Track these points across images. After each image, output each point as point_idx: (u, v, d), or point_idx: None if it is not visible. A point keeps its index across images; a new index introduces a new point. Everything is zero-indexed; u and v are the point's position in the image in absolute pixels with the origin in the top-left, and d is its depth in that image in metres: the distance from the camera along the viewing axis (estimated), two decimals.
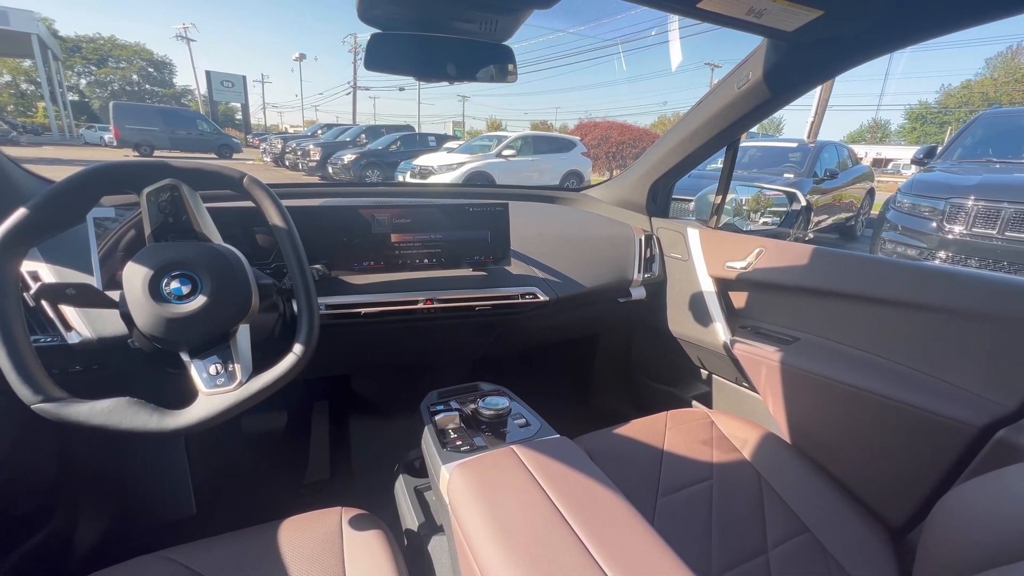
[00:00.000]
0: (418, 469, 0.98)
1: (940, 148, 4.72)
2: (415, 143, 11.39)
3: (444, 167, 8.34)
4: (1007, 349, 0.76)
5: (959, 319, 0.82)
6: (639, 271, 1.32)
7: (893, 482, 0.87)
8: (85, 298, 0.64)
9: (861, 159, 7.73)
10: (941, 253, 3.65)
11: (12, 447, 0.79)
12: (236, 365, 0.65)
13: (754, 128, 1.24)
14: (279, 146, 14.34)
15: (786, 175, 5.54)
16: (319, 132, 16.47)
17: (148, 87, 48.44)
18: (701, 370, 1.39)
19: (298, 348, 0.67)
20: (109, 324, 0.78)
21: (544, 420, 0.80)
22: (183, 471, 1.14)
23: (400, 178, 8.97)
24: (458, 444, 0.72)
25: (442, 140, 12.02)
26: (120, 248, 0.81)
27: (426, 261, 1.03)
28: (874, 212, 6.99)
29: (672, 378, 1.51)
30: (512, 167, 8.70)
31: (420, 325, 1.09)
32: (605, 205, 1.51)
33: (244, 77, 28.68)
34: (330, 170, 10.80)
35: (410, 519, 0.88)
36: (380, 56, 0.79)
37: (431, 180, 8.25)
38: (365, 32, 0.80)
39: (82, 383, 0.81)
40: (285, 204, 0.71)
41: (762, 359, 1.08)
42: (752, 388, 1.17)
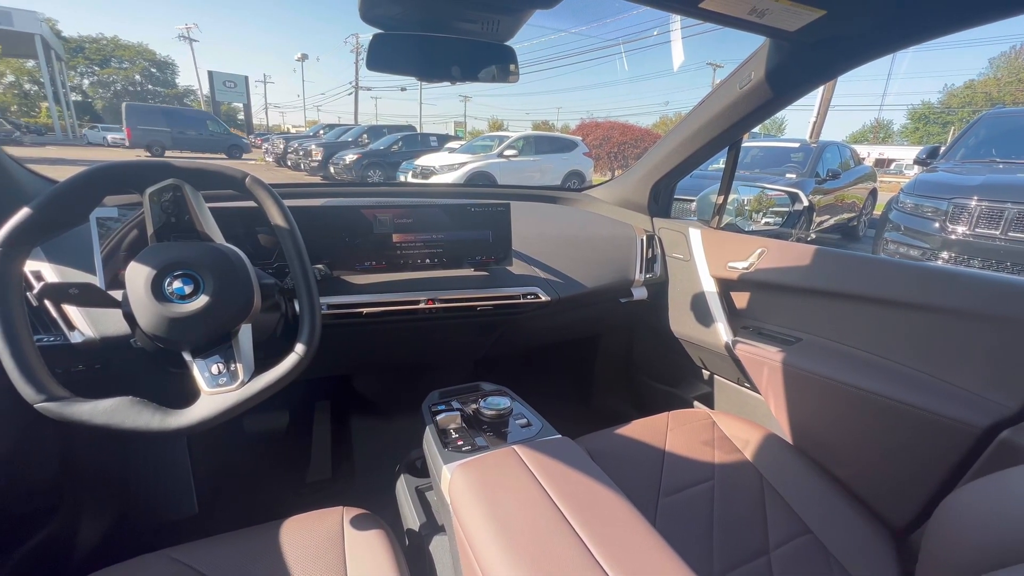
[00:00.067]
0: (419, 469, 0.98)
1: (943, 148, 4.70)
2: (417, 143, 11.40)
3: (446, 167, 8.35)
4: (1010, 350, 0.76)
5: (962, 320, 0.81)
6: (641, 271, 1.32)
7: (896, 483, 0.86)
8: (88, 298, 0.64)
9: (864, 159, 7.71)
10: (944, 254, 3.64)
11: (15, 446, 0.80)
12: (238, 365, 0.65)
13: (756, 128, 1.24)
14: (281, 146, 14.37)
15: (788, 175, 5.52)
16: (321, 132, 16.47)
17: (151, 87, 48.66)
18: (703, 370, 1.38)
19: (300, 348, 0.67)
20: (112, 324, 0.78)
21: (545, 420, 0.80)
22: (185, 470, 1.14)
23: (402, 178, 8.98)
24: (459, 444, 0.73)
25: (444, 140, 12.02)
26: (123, 248, 0.81)
27: (428, 261, 1.03)
28: (876, 212, 6.98)
29: (674, 378, 1.51)
30: (514, 167, 8.70)
31: (422, 325, 1.09)
32: (607, 205, 1.51)
33: (246, 77, 28.68)
34: (332, 170, 10.81)
35: (411, 519, 0.88)
36: (382, 56, 0.79)
37: (433, 180, 8.26)
38: (367, 32, 0.80)
39: (85, 382, 0.81)
40: (287, 204, 0.71)
41: (764, 359, 1.07)
42: (754, 389, 1.17)
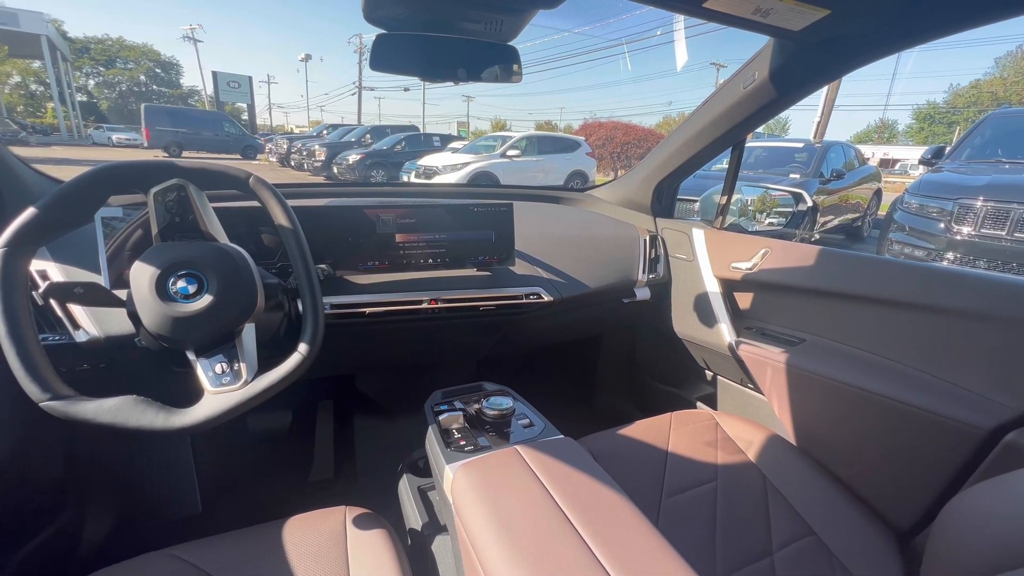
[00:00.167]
0: (422, 469, 0.98)
1: (948, 148, 4.68)
2: (420, 143, 11.42)
3: (449, 167, 8.35)
4: (1016, 351, 0.75)
5: (967, 321, 0.81)
6: (643, 271, 1.32)
7: (900, 485, 0.86)
8: (93, 297, 0.64)
9: (868, 159, 7.68)
10: (949, 254, 3.62)
11: (20, 445, 0.80)
12: (242, 364, 0.65)
13: (760, 128, 1.23)
14: (285, 146, 14.39)
15: (792, 175, 5.51)
16: (324, 132, 16.49)
17: (155, 88, 48.89)
18: (706, 371, 1.38)
19: (303, 347, 0.67)
20: (116, 323, 0.78)
21: (548, 420, 0.80)
22: (189, 469, 1.15)
23: (405, 178, 9.00)
24: (462, 444, 0.73)
25: (447, 140, 12.04)
26: (127, 247, 0.81)
27: (431, 261, 1.03)
28: (881, 213, 6.94)
29: (676, 379, 1.50)
30: (517, 167, 8.70)
31: (424, 325, 1.09)
32: (609, 205, 1.51)
33: (250, 78, 28.72)
34: (335, 170, 10.83)
35: (414, 519, 0.88)
36: (385, 57, 0.79)
37: (436, 180, 8.27)
38: (370, 33, 0.80)
39: (89, 381, 0.81)
40: (290, 204, 0.71)
41: (767, 360, 1.07)
42: (757, 389, 1.16)
